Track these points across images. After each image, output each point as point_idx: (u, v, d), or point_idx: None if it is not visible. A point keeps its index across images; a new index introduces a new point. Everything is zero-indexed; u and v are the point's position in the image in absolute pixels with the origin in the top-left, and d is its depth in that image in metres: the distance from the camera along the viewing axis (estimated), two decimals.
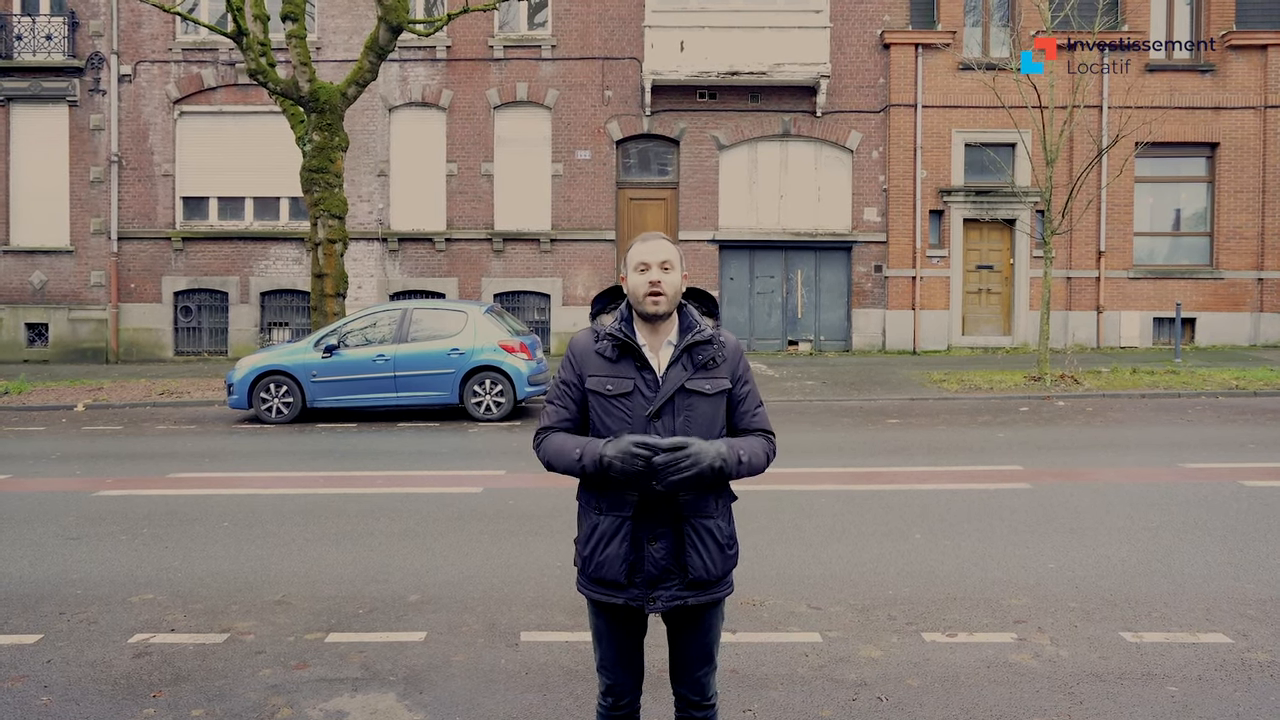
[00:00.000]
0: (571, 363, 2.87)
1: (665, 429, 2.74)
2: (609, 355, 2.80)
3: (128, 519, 7.28)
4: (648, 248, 2.80)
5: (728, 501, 2.90)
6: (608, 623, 2.90)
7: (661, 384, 2.77)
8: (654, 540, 2.78)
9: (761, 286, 19.51)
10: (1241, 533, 6.45)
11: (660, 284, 2.76)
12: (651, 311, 2.78)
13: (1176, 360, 16.45)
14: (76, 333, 19.50)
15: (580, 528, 2.90)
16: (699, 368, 2.79)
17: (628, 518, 2.77)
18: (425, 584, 5.62)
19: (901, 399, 13.46)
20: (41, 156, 19.39)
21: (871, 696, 4.07)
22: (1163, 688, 4.12)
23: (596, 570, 2.81)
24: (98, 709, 4.03)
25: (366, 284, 19.29)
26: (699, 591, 2.82)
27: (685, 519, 2.78)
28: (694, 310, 2.89)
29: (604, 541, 2.79)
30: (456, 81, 19.36)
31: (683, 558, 2.79)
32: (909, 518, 6.98)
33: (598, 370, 2.81)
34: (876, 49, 19.25)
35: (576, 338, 2.91)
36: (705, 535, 2.80)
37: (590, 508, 2.86)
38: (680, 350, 2.79)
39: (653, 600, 2.80)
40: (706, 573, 2.80)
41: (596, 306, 2.96)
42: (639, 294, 2.78)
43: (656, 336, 2.83)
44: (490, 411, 12.31)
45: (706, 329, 2.83)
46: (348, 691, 4.18)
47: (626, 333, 2.80)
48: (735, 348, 2.89)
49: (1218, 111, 19.08)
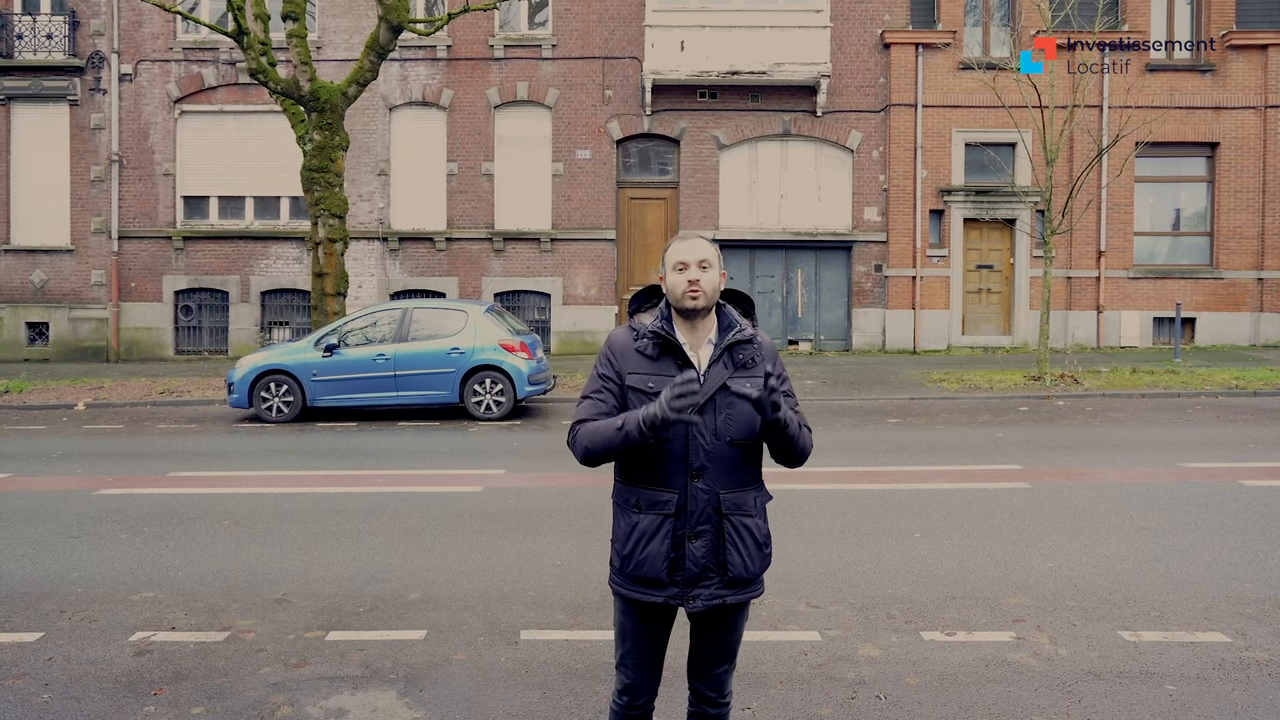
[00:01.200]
0: (611, 359, 2.87)
1: (707, 427, 2.76)
2: (649, 353, 2.82)
3: (128, 518, 7.29)
4: (686, 246, 2.82)
5: (764, 500, 2.94)
6: (637, 622, 2.91)
7: (704, 382, 2.77)
8: (694, 538, 2.79)
9: (762, 286, 19.51)
10: (1240, 532, 6.46)
11: (699, 282, 2.77)
12: (691, 307, 2.79)
13: (1176, 360, 16.46)
14: (77, 332, 19.51)
15: (618, 527, 2.90)
16: (739, 367, 2.82)
17: (669, 515, 2.79)
18: (425, 582, 5.62)
19: (901, 398, 13.47)
20: (42, 155, 19.40)
21: (870, 695, 4.08)
22: (1161, 686, 4.13)
23: (637, 569, 2.82)
24: (98, 707, 4.04)
25: (367, 283, 19.30)
26: (737, 590, 2.85)
27: (725, 516, 2.80)
28: (733, 311, 2.92)
29: (645, 540, 2.80)
30: (457, 81, 19.36)
31: (723, 555, 2.80)
32: (908, 517, 6.99)
33: (638, 368, 2.82)
34: (877, 49, 19.26)
35: (615, 334, 2.91)
36: (745, 533, 2.84)
37: (629, 506, 2.86)
38: (721, 349, 2.81)
39: (692, 599, 2.81)
40: (746, 571, 2.83)
41: (634, 305, 2.98)
42: (678, 291, 2.80)
43: (696, 335, 2.84)
44: (490, 411, 12.31)
45: (747, 329, 2.86)
46: (348, 689, 4.19)
47: (668, 330, 2.81)
48: (770, 347, 2.92)
49: (1218, 111, 19.07)
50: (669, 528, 2.79)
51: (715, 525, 2.80)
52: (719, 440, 2.77)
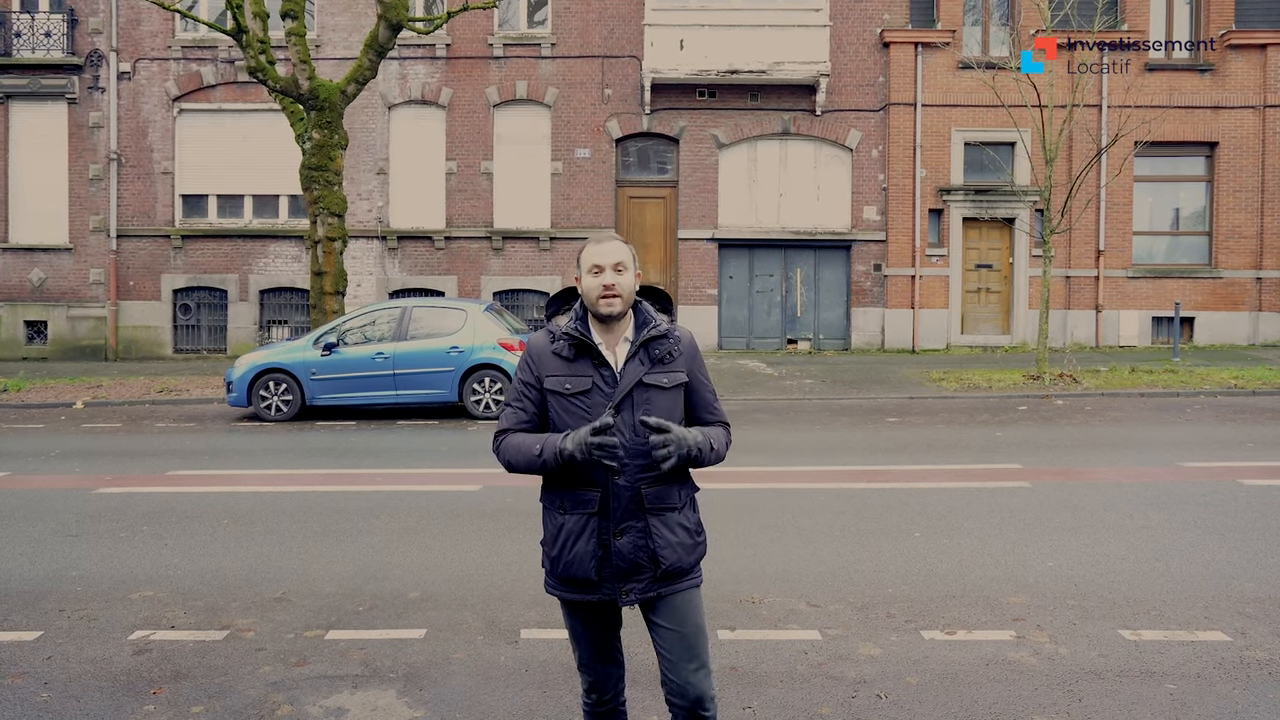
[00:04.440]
0: (529, 364, 2.90)
1: (625, 423, 2.77)
2: (566, 355, 2.84)
3: (127, 516, 7.28)
4: (601, 250, 2.83)
5: (690, 492, 2.94)
6: (583, 622, 2.92)
7: (620, 379, 2.80)
8: (620, 535, 2.79)
9: (761, 285, 19.51)
10: (1240, 531, 6.46)
11: (614, 286, 2.79)
12: (606, 313, 2.81)
13: (1175, 359, 16.47)
14: (75, 330, 19.49)
15: (545, 529, 2.91)
16: (655, 362, 2.84)
17: (592, 514, 2.80)
18: (425, 581, 5.62)
19: (900, 397, 13.47)
20: (40, 154, 19.37)
21: (871, 694, 4.08)
22: (1161, 685, 4.12)
23: (566, 570, 2.83)
24: (98, 706, 4.04)
25: (366, 282, 19.28)
26: (671, 582, 2.85)
27: (649, 511, 2.81)
28: (649, 307, 2.93)
29: (571, 540, 2.82)
30: (456, 79, 19.35)
31: (653, 550, 2.80)
32: (908, 516, 6.99)
33: (555, 370, 2.84)
34: (876, 48, 19.25)
35: (533, 339, 2.95)
36: (675, 526, 2.84)
37: (554, 508, 2.87)
38: (637, 345, 2.83)
39: (625, 594, 2.82)
40: (678, 562, 2.83)
41: (551, 309, 3.00)
42: (593, 296, 2.81)
43: (612, 335, 2.86)
44: (490, 409, 12.30)
45: (662, 324, 2.88)
46: (348, 688, 4.19)
47: (583, 331, 2.83)
48: (690, 342, 2.94)
49: (1217, 111, 19.08)
50: (594, 526, 2.80)
51: (641, 520, 2.80)
52: (638, 436, 2.77)
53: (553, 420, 2.86)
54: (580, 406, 2.80)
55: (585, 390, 2.80)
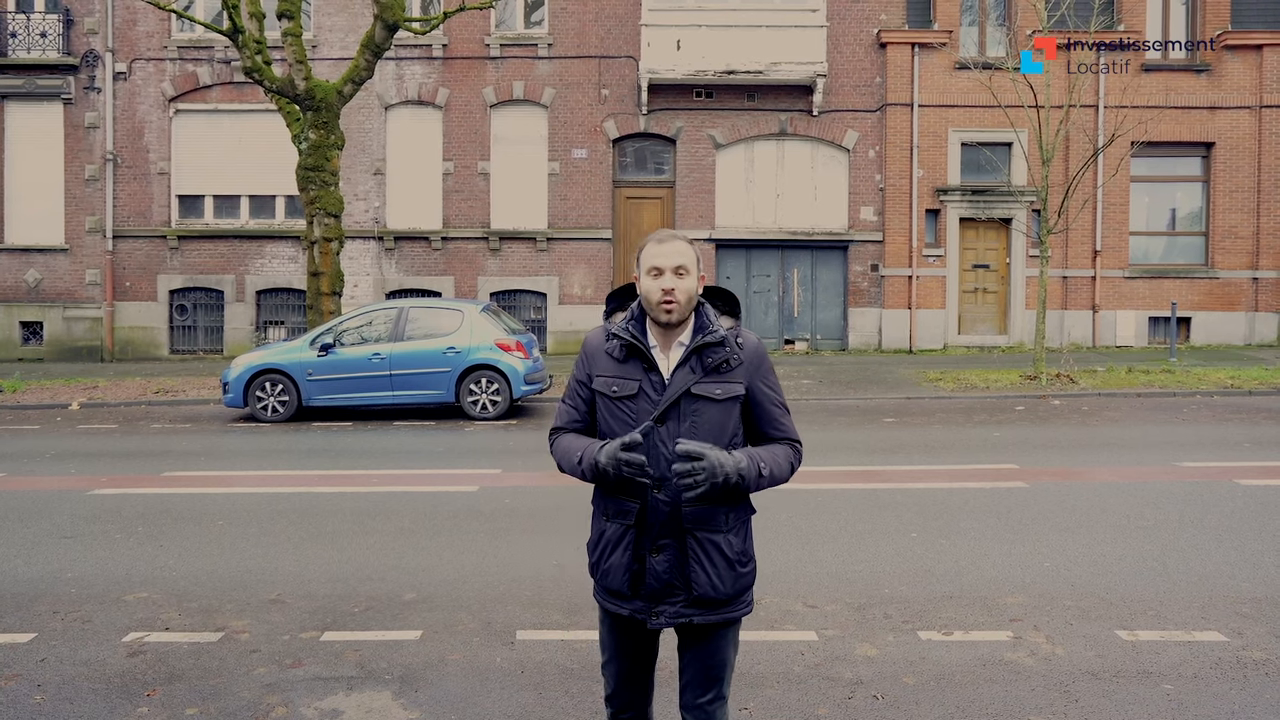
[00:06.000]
0: (583, 361, 2.78)
1: (671, 435, 2.60)
2: (617, 355, 2.69)
3: (122, 517, 7.26)
4: (662, 250, 2.65)
5: (742, 515, 2.73)
6: (615, 633, 2.79)
7: (667, 386, 2.63)
8: (656, 552, 2.64)
9: (758, 285, 19.51)
10: (1237, 531, 6.46)
11: (674, 292, 2.61)
12: (665, 321, 2.64)
13: (1172, 359, 16.48)
14: (71, 331, 19.45)
15: (591, 530, 2.81)
16: (709, 371, 2.63)
17: (630, 526, 2.65)
18: (421, 583, 5.60)
19: (898, 398, 13.47)
20: (36, 154, 19.33)
21: (867, 695, 4.07)
22: (1158, 686, 4.12)
23: (603, 578, 2.73)
24: (92, 708, 4.02)
25: (362, 282, 19.26)
26: (705, 610, 2.66)
27: (688, 531, 2.63)
28: (711, 310, 2.73)
29: (609, 549, 2.70)
30: (453, 80, 19.33)
31: (686, 573, 2.64)
32: (905, 516, 6.98)
33: (605, 370, 2.71)
34: (873, 48, 19.26)
35: (590, 335, 2.82)
36: (712, 550, 2.64)
37: (600, 512, 2.76)
38: (689, 351, 2.64)
39: (656, 615, 2.67)
40: (713, 590, 2.63)
41: (611, 305, 2.85)
42: (652, 300, 2.64)
43: (668, 337, 2.69)
44: (486, 410, 12.29)
45: (720, 330, 2.66)
46: (343, 690, 4.17)
47: (634, 332, 2.67)
48: (755, 349, 2.72)
49: (1213, 111, 19.10)
50: (630, 538, 2.65)
51: (678, 539, 2.64)
52: None
53: (600, 423, 2.74)
54: (625, 411, 2.65)
55: (632, 395, 2.65)
